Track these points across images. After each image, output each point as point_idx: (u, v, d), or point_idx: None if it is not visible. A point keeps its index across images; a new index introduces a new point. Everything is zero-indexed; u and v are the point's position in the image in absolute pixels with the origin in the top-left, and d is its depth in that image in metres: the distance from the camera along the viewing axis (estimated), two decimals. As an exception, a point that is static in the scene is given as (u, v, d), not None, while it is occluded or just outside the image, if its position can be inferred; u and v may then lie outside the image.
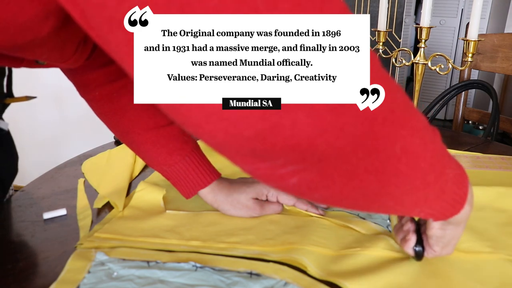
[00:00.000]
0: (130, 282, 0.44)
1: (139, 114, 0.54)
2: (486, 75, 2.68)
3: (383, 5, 0.87)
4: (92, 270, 0.46)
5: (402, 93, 0.30)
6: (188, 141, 0.56)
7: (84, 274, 0.45)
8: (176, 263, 0.46)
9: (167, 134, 0.55)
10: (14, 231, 0.55)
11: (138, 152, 0.57)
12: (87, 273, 0.45)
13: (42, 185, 0.66)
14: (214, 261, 0.47)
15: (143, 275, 0.45)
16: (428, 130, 0.34)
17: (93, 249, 0.49)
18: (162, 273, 0.45)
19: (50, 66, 0.40)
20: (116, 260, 0.47)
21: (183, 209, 0.59)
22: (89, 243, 0.50)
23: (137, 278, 0.44)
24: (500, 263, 0.47)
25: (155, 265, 0.46)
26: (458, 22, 2.88)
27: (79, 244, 0.50)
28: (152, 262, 0.47)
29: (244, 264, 0.47)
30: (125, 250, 0.49)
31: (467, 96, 1.26)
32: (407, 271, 0.46)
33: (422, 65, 0.86)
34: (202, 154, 0.57)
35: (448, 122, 3.03)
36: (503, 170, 0.72)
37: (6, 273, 0.46)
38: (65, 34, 0.33)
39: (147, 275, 0.45)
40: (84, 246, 0.50)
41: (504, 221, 0.56)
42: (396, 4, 1.72)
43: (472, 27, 0.79)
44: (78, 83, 0.55)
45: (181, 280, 0.44)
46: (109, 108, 0.55)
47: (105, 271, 0.45)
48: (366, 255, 0.48)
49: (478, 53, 1.22)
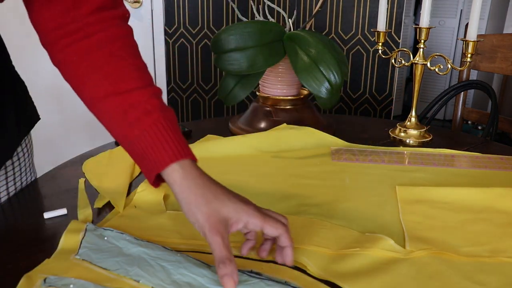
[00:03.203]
0: (124, 241, 0.48)
1: (98, 81, 0.48)
2: (485, 76, 2.68)
3: (382, 5, 0.88)
4: (86, 235, 0.50)
5: None
6: (151, 111, 0.47)
7: (80, 239, 0.49)
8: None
9: (126, 102, 0.47)
10: (15, 230, 0.55)
11: (105, 126, 0.50)
12: (82, 238, 0.49)
13: (43, 185, 0.67)
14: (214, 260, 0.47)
15: (132, 240, 0.49)
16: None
17: (85, 224, 0.53)
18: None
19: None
20: (104, 229, 0.51)
21: (183, 209, 0.59)
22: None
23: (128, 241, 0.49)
24: (499, 264, 0.47)
25: (144, 243, 0.49)
26: (457, 22, 2.89)
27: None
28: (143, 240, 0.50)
29: (245, 263, 0.47)
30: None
31: (466, 96, 1.27)
32: (407, 272, 0.46)
33: (421, 65, 0.87)
34: (168, 128, 0.47)
35: (448, 122, 3.04)
36: (502, 170, 0.72)
37: (7, 273, 0.46)
38: None
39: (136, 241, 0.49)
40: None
41: (504, 222, 0.56)
42: (396, 4, 1.72)
43: (471, 27, 0.79)
44: (44, 40, 0.51)
45: (180, 258, 0.46)
46: (73, 74, 0.50)
47: (97, 235, 0.50)
48: (366, 255, 0.48)
49: (477, 54, 1.23)
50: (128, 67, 0.49)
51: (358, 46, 1.81)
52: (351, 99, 1.89)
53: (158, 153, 0.45)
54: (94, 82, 0.49)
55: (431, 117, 1.18)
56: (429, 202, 0.61)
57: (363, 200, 0.62)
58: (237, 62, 0.83)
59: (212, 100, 2.00)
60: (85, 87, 0.50)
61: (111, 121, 0.49)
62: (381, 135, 0.91)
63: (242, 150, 0.78)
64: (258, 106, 0.92)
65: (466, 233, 0.53)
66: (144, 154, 0.46)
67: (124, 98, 0.47)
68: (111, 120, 0.49)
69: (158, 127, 0.46)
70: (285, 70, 0.89)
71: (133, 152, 0.48)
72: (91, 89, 0.49)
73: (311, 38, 0.82)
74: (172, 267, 0.44)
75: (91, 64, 0.49)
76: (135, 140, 0.47)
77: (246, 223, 0.43)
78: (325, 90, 0.81)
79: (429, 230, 0.54)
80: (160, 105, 0.48)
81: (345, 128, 0.95)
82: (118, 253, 0.47)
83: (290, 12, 1.80)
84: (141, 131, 0.46)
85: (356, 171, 0.72)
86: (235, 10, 1.10)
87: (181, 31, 1.88)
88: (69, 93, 0.53)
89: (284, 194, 0.63)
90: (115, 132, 0.49)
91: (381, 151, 0.80)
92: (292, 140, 0.81)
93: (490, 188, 0.62)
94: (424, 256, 0.48)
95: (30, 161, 0.68)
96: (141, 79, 0.49)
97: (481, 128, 2.58)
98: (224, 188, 0.46)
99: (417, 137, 0.88)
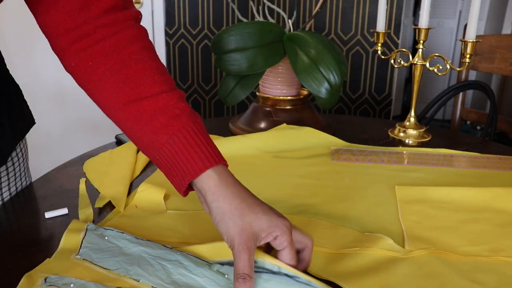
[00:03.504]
0: (125, 241, 0.49)
1: (118, 86, 0.45)
2: (484, 76, 2.69)
3: (382, 6, 0.88)
4: (87, 234, 0.50)
5: None
6: (180, 115, 0.44)
7: (80, 239, 0.50)
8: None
9: (151, 107, 0.44)
10: (16, 230, 0.55)
11: (126, 134, 0.48)
12: (83, 237, 0.50)
13: (44, 185, 0.67)
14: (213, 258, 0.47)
15: (133, 240, 0.49)
16: None
17: (86, 223, 0.53)
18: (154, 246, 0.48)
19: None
20: (105, 228, 0.52)
21: (184, 208, 0.59)
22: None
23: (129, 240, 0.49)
24: (498, 264, 0.48)
25: (144, 242, 0.49)
26: (456, 23, 2.89)
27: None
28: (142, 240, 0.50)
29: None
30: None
31: (465, 97, 1.27)
32: (406, 271, 0.46)
33: (420, 66, 0.87)
34: (198, 132, 0.44)
35: (447, 122, 3.04)
36: (501, 170, 0.73)
37: (8, 272, 0.46)
38: None
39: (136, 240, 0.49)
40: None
41: (503, 222, 0.56)
42: (395, 5, 1.73)
43: (470, 28, 0.80)
44: (55, 44, 0.48)
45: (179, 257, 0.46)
46: (89, 79, 0.47)
47: (98, 235, 0.50)
48: (365, 254, 0.49)
49: (476, 54, 1.23)
50: (149, 70, 0.46)
51: (358, 47, 1.81)
52: (350, 100, 1.89)
53: (191, 158, 0.42)
54: (113, 88, 0.46)
55: (430, 117, 1.19)
56: (428, 202, 0.61)
57: (363, 199, 0.62)
58: (237, 62, 0.84)
59: (212, 100, 2.00)
60: (104, 93, 0.47)
61: (135, 128, 0.46)
62: (381, 135, 0.91)
63: (242, 150, 0.78)
64: (258, 106, 0.92)
65: (465, 233, 0.54)
66: (174, 161, 0.43)
67: (149, 103, 0.45)
68: (135, 127, 0.46)
69: (188, 131, 0.43)
70: (285, 70, 0.89)
71: (160, 160, 0.45)
72: (110, 95, 0.46)
73: (311, 39, 0.83)
74: (172, 267, 0.44)
75: (109, 69, 0.46)
76: (163, 146, 0.44)
77: (276, 237, 0.42)
78: (324, 90, 0.82)
79: (428, 229, 0.54)
80: (187, 109, 0.46)
81: (344, 128, 0.95)
82: (118, 253, 0.47)
83: (290, 13, 1.81)
84: (170, 136, 0.43)
85: (356, 171, 0.72)
86: (235, 11, 1.11)
87: (182, 31, 1.88)
88: (71, 93, 0.53)
89: (283, 194, 0.64)
90: (140, 140, 0.46)
91: (380, 151, 0.80)
92: (292, 140, 0.81)
93: (488, 188, 0.63)
94: (423, 255, 0.49)
95: (25, 165, 0.66)
96: (165, 83, 0.46)
97: (479, 128, 2.58)
98: (257, 199, 0.44)
99: (416, 137, 0.88)
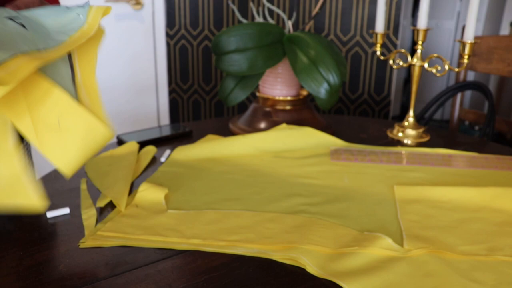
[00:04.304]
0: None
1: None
2: (482, 76, 2.70)
3: (380, 7, 0.88)
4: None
5: None
6: None
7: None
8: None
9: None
10: (18, 229, 0.55)
11: None
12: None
13: (45, 185, 0.67)
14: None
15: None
16: None
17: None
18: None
19: None
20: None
21: (184, 208, 0.60)
22: (92, 241, 0.51)
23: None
24: (496, 263, 0.48)
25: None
26: (455, 24, 2.90)
27: (82, 242, 0.51)
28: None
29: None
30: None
31: (463, 97, 1.28)
32: (404, 270, 0.46)
33: (419, 66, 0.87)
34: None
35: (445, 123, 3.05)
36: (499, 169, 0.73)
37: (9, 271, 0.46)
38: None
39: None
40: (86, 244, 0.51)
41: (501, 221, 0.56)
42: (394, 6, 1.73)
43: (468, 29, 0.80)
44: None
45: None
46: None
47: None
48: (364, 254, 0.49)
49: (474, 55, 1.24)
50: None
51: (357, 48, 1.82)
52: (349, 100, 1.90)
53: None
54: None
55: (428, 117, 1.19)
56: (426, 201, 0.62)
57: (362, 199, 0.63)
58: (237, 63, 0.84)
59: (212, 100, 2.00)
60: None
61: None
62: (380, 135, 0.92)
63: (242, 150, 0.79)
64: (258, 107, 0.93)
65: (463, 232, 0.54)
66: None
67: None
68: None
69: None
70: (285, 71, 0.90)
71: None
72: None
73: (311, 40, 0.83)
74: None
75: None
76: None
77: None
78: (324, 91, 0.82)
79: (426, 229, 0.55)
80: None
81: (344, 128, 0.95)
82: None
83: (289, 14, 1.81)
84: None
85: (355, 170, 0.73)
86: (235, 12, 1.11)
87: (182, 32, 1.88)
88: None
89: (283, 194, 0.64)
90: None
91: (379, 151, 0.81)
92: (291, 140, 0.81)
93: (487, 188, 0.63)
94: (421, 254, 0.49)
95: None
96: None
97: (478, 129, 2.59)
98: None
99: (415, 137, 0.89)
